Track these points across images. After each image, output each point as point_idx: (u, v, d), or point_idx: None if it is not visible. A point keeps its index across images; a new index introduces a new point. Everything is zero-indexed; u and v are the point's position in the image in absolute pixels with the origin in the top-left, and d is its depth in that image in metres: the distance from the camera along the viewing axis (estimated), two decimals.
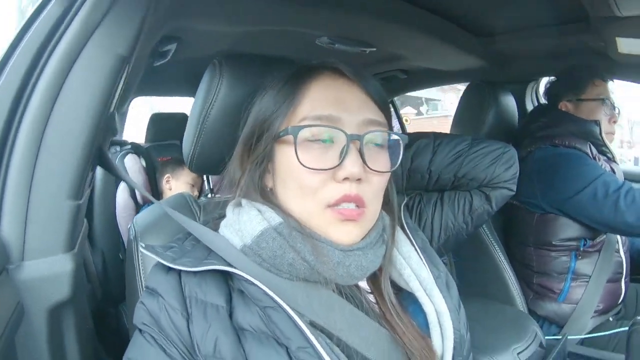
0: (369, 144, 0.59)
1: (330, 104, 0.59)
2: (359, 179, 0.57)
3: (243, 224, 0.60)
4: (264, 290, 0.55)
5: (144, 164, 2.04)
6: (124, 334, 1.61)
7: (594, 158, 1.33)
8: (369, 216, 0.60)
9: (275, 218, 0.59)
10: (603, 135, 1.37)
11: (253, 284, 0.55)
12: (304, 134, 0.58)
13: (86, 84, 0.63)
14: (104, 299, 1.78)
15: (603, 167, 1.33)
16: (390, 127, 0.66)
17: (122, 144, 2.21)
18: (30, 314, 0.59)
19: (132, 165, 1.96)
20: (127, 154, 2.01)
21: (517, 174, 0.83)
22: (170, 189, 1.92)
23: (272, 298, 0.54)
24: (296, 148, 0.57)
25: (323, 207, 0.58)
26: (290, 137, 0.58)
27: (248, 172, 0.63)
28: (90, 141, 0.64)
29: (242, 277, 0.56)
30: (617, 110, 1.42)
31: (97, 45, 0.63)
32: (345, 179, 0.56)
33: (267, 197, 0.63)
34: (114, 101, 0.72)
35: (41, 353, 0.59)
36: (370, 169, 0.58)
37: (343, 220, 0.57)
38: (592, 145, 1.35)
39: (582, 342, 1.32)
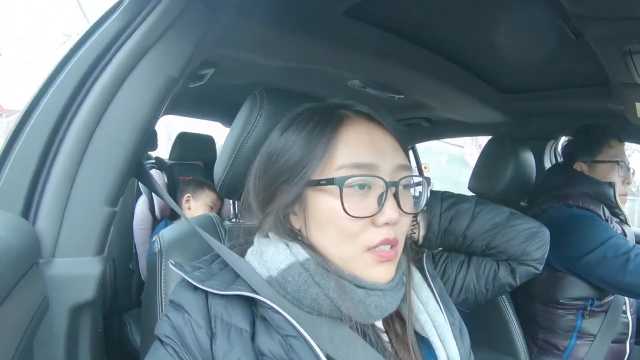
0: (400, 188, 0.61)
1: (367, 151, 0.60)
2: (395, 223, 0.59)
3: (270, 256, 0.61)
4: (287, 319, 0.56)
5: (166, 180, 2.08)
6: (126, 343, 1.62)
7: (607, 220, 1.33)
8: (399, 255, 0.63)
9: (302, 254, 0.60)
10: (617, 197, 1.38)
11: (277, 312, 0.56)
12: (347, 183, 0.58)
13: (136, 99, 0.67)
14: (110, 306, 1.79)
15: (615, 229, 1.33)
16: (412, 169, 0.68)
17: (147, 157, 2.25)
18: (53, 309, 0.60)
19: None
20: (150, 168, 2.05)
21: (546, 255, 0.83)
22: (190, 209, 1.95)
23: (294, 327, 0.56)
24: (342, 198, 0.57)
25: (363, 250, 0.59)
26: (331, 187, 0.58)
27: (273, 216, 0.62)
28: (133, 153, 0.68)
29: (267, 305, 0.57)
30: (631, 171, 1.42)
31: (149, 64, 0.67)
32: (385, 224, 0.58)
33: (294, 235, 0.63)
34: (158, 118, 0.76)
35: (57, 350, 0.60)
36: (404, 212, 0.61)
37: (382, 262, 0.60)
38: (605, 207, 1.35)
39: None
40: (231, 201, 1.05)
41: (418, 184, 0.66)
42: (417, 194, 0.67)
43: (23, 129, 0.64)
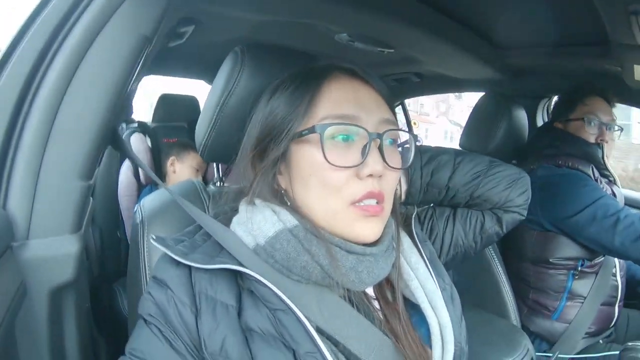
0: (385, 142, 0.60)
1: (350, 104, 0.60)
2: (380, 176, 0.58)
3: (257, 224, 0.59)
4: (275, 292, 0.55)
5: (149, 143, 2.02)
6: (117, 314, 1.61)
7: (596, 180, 1.34)
8: (386, 212, 0.62)
9: (291, 220, 0.59)
10: (605, 158, 1.38)
11: (264, 285, 0.55)
12: (329, 132, 0.58)
13: (105, 63, 0.62)
14: (99, 277, 1.78)
15: (604, 189, 1.34)
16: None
17: (129, 121, 2.18)
18: (32, 293, 0.58)
19: (138, 145, 1.94)
20: (133, 132, 1.98)
21: (529, 200, 0.84)
22: (175, 172, 1.92)
23: (283, 300, 0.54)
24: (323, 146, 0.56)
25: (347, 204, 0.58)
26: (312, 136, 0.58)
27: (261, 175, 0.62)
28: (106, 121, 0.64)
29: (254, 277, 0.55)
30: (615, 129, 1.42)
31: (119, 24, 0.62)
32: (369, 176, 0.57)
33: (281, 197, 0.63)
34: (132, 81, 0.71)
35: (40, 333, 0.59)
36: (390, 166, 0.60)
37: (367, 217, 0.58)
38: (594, 168, 1.36)
39: None
40: (215, 165, 1.01)
41: (406, 141, 0.66)
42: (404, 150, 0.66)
43: None
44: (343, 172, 0.57)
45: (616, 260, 1.38)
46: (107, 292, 1.70)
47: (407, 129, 0.68)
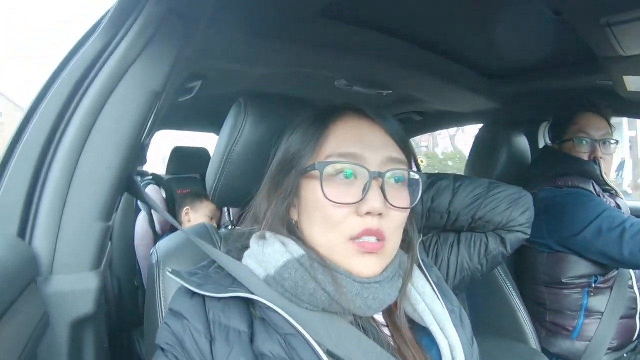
0: (390, 181, 0.62)
1: (354, 142, 0.62)
2: (380, 214, 0.59)
3: (267, 256, 0.62)
4: (285, 318, 0.57)
5: (164, 195, 2.09)
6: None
7: (598, 195, 1.34)
8: (388, 250, 0.62)
9: (298, 250, 0.61)
10: (604, 174, 1.38)
11: (275, 311, 0.57)
12: (329, 169, 0.60)
13: (120, 115, 0.68)
14: (118, 323, 1.79)
15: (607, 202, 1.33)
16: (411, 166, 0.68)
17: (143, 174, 2.27)
18: (54, 325, 0.61)
19: (153, 196, 2.01)
20: (148, 184, 2.07)
21: (532, 218, 0.84)
22: (189, 221, 1.97)
23: (292, 325, 0.56)
24: (322, 182, 0.59)
25: (346, 239, 0.60)
26: (316, 172, 0.61)
27: (274, 205, 0.65)
28: (122, 168, 0.69)
29: (265, 304, 0.57)
30: (611, 142, 1.41)
31: (131, 80, 0.68)
32: (367, 213, 0.59)
33: (292, 229, 0.65)
34: (144, 133, 0.78)
35: None
36: (391, 204, 0.60)
37: (364, 253, 0.60)
38: (594, 183, 1.35)
39: None
40: (226, 209, 1.06)
41: (415, 180, 0.66)
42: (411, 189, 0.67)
43: (14, 151, 0.65)
44: (342, 209, 0.59)
45: (631, 271, 1.35)
46: (125, 338, 1.71)
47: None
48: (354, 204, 0.59)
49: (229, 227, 1.03)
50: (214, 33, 0.86)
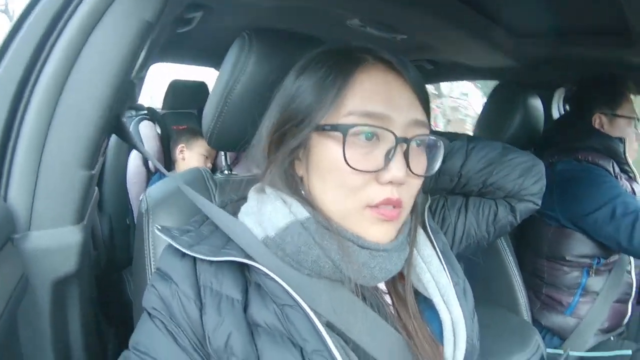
0: (412, 144, 0.57)
1: (381, 101, 0.55)
2: (401, 183, 0.55)
3: (267, 215, 0.57)
4: (283, 287, 0.53)
5: (159, 131, 2.02)
6: (126, 302, 1.62)
7: (616, 177, 1.31)
8: (403, 217, 0.59)
9: (302, 212, 0.56)
10: (627, 154, 1.34)
11: (273, 279, 0.53)
12: (352, 131, 0.54)
13: (107, 49, 0.61)
14: (108, 265, 1.79)
15: (624, 186, 1.31)
16: (430, 127, 0.62)
17: (138, 108, 2.18)
18: (34, 286, 0.58)
19: (147, 132, 1.94)
20: (142, 119, 1.98)
21: (544, 188, 0.81)
22: (184, 159, 1.90)
23: (291, 296, 0.53)
24: (344, 148, 0.53)
25: (363, 206, 0.55)
26: (335, 133, 0.54)
27: (278, 159, 0.59)
28: (108, 109, 0.62)
29: (262, 271, 0.54)
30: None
31: (120, 8, 0.61)
32: (389, 182, 0.54)
33: (295, 185, 0.60)
34: (135, 68, 0.70)
35: (43, 325, 0.58)
36: (413, 173, 0.56)
37: (382, 221, 0.56)
38: (615, 163, 1.32)
39: (582, 359, 1.32)
40: (223, 153, 0.99)
41: (436, 144, 0.61)
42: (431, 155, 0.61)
43: None
44: (363, 175, 0.54)
45: (631, 258, 1.35)
46: (116, 281, 1.71)
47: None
48: (375, 172, 0.54)
49: (225, 171, 0.97)
50: None
